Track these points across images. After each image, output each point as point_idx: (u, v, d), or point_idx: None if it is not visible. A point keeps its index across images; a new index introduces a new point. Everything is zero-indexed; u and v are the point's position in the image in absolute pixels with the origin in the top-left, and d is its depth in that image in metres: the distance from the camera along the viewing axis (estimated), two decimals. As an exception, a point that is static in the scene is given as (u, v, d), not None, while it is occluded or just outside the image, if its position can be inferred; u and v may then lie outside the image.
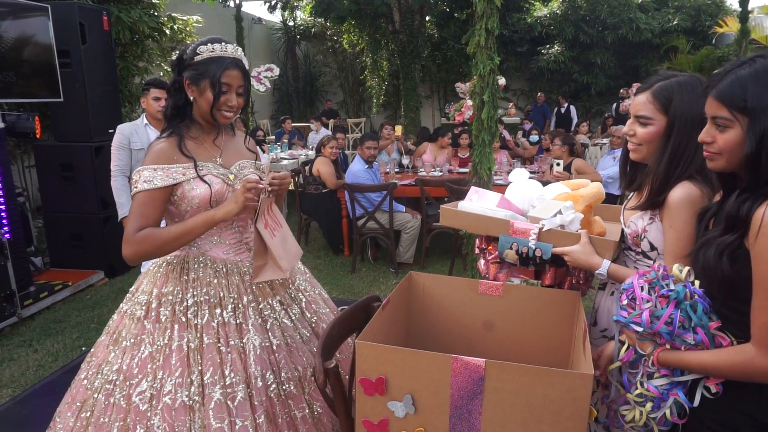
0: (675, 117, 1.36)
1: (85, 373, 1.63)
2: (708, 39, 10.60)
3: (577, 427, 1.09)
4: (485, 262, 1.72)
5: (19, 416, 2.73)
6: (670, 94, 1.37)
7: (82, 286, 4.38)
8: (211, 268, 1.61)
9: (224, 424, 1.44)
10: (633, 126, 1.45)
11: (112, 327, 1.65)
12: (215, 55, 1.55)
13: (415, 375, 1.16)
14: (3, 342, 3.51)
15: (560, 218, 1.55)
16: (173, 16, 6.17)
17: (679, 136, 1.36)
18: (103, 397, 1.53)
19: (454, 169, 5.86)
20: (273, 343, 1.61)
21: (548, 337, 1.56)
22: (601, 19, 11.05)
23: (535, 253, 1.54)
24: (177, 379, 1.47)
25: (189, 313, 1.54)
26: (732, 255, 1.07)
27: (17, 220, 3.95)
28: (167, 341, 1.52)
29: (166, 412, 1.45)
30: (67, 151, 4.55)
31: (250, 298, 1.62)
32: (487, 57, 3.73)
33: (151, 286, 1.61)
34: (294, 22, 13.69)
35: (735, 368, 1.07)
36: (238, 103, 1.61)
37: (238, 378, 1.49)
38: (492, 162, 3.88)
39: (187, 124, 1.64)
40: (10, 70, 3.84)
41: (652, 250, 1.46)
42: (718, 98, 1.09)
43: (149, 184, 1.51)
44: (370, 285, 4.54)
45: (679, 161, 1.36)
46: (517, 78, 12.41)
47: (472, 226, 1.70)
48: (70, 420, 1.58)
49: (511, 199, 1.74)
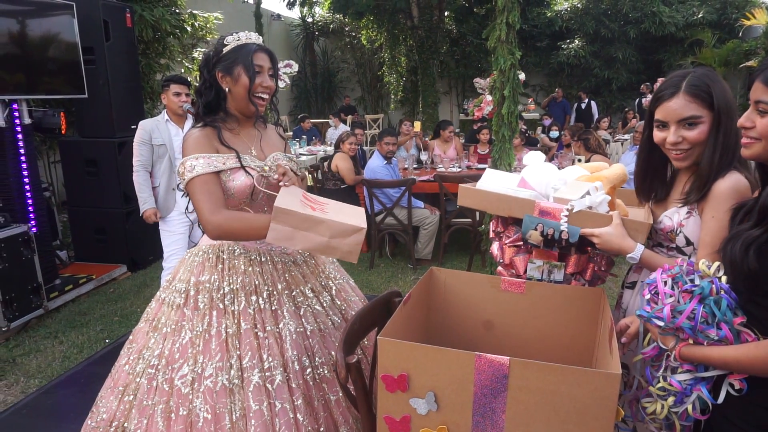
0: (719, 108, 1.31)
1: (126, 359, 1.67)
2: (734, 32, 10.32)
3: (604, 427, 1.07)
4: (500, 245, 1.65)
5: (46, 406, 2.80)
6: (708, 88, 1.32)
7: (105, 279, 4.47)
8: (245, 257, 1.65)
9: (263, 407, 1.49)
10: (679, 132, 1.35)
11: (150, 314, 1.70)
12: (242, 42, 1.64)
13: (438, 372, 1.15)
14: (30, 333, 3.59)
15: (589, 199, 1.48)
16: (194, 14, 6.23)
17: (726, 126, 1.31)
18: (145, 381, 1.58)
19: (473, 164, 5.82)
20: (307, 329, 1.65)
21: (572, 334, 1.54)
22: (623, 13, 10.85)
23: (561, 235, 1.47)
24: (217, 363, 1.51)
25: (226, 300, 1.58)
26: (759, 249, 1.05)
27: (43, 214, 4.04)
28: (206, 327, 1.56)
29: (207, 394, 1.49)
30: (91, 147, 4.63)
31: (283, 285, 1.66)
32: (508, 52, 3.69)
33: (188, 275, 1.65)
34: (312, 18, 13.71)
35: (757, 363, 1.04)
36: (272, 86, 1.67)
37: (276, 362, 1.54)
38: (512, 158, 3.84)
39: (223, 117, 1.68)
40: (36, 67, 3.92)
41: (688, 245, 1.41)
42: (764, 82, 1.07)
43: (192, 172, 1.56)
44: (389, 281, 4.53)
45: (728, 151, 1.32)
46: (537, 73, 12.27)
47: (492, 206, 1.60)
48: (113, 403, 1.62)
49: (530, 181, 1.65)
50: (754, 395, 1.08)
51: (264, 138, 1.76)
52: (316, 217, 1.43)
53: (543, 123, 8.74)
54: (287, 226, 1.41)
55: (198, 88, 1.71)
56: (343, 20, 13.29)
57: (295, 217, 1.41)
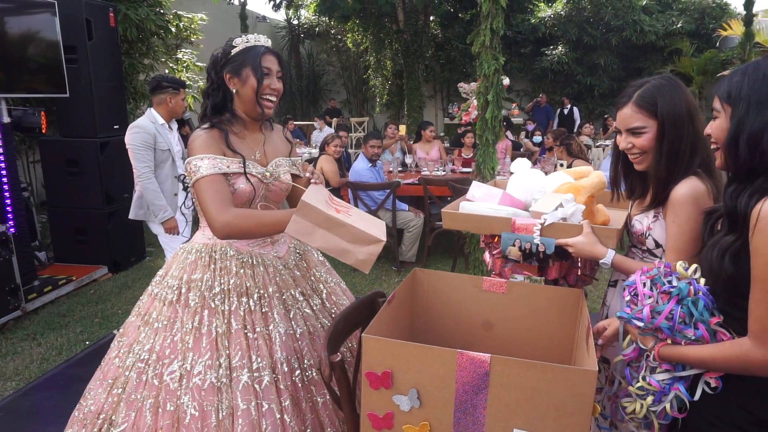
0: (663, 118, 1.40)
1: (116, 352, 1.67)
2: (712, 42, 10.58)
3: (581, 422, 1.10)
4: (491, 255, 1.73)
5: (23, 409, 2.75)
6: (653, 99, 1.41)
7: (85, 281, 4.40)
8: (237, 258, 1.65)
9: (251, 406, 1.49)
10: (628, 139, 1.46)
11: (142, 308, 1.69)
12: (250, 44, 1.63)
13: (421, 369, 1.17)
14: (7, 335, 3.53)
15: (561, 211, 1.56)
16: (179, 14, 6.19)
17: (671, 134, 1.40)
18: (135, 375, 1.58)
19: (457, 168, 5.87)
20: (296, 331, 1.66)
21: (552, 334, 1.58)
22: (605, 20, 11.05)
23: (538, 248, 1.55)
24: (207, 361, 1.52)
25: (217, 300, 1.59)
26: (734, 255, 1.09)
27: (22, 214, 3.97)
28: (197, 325, 1.56)
29: (195, 391, 1.50)
30: (72, 147, 4.57)
31: (274, 288, 1.66)
32: (492, 57, 3.74)
33: (180, 272, 1.64)
34: (298, 20, 13.70)
35: (731, 361, 1.08)
36: (280, 89, 1.67)
37: (264, 363, 1.54)
38: (496, 162, 3.89)
39: (229, 119, 1.67)
40: (16, 66, 3.86)
41: (657, 247, 1.48)
42: (715, 92, 1.15)
43: (198, 173, 1.55)
44: (373, 283, 4.55)
45: (677, 159, 1.40)
46: (521, 79, 12.40)
47: (474, 227, 1.73)
48: (101, 396, 1.62)
49: (514, 191, 1.75)
50: (728, 394, 1.12)
51: (268, 142, 1.75)
52: (339, 219, 1.43)
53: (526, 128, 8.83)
54: (309, 221, 1.42)
55: (205, 90, 1.69)
56: (328, 23, 13.30)
57: (319, 215, 1.42)
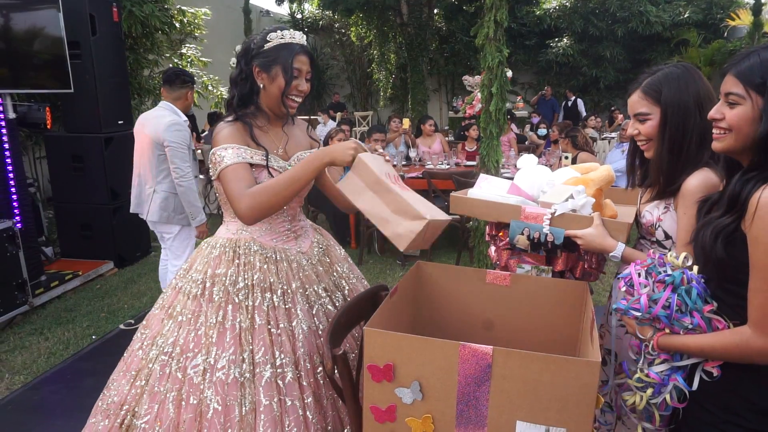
0: (667, 105, 1.40)
1: (140, 344, 1.67)
2: (719, 32, 10.46)
3: (584, 414, 1.09)
4: (496, 248, 1.71)
5: (31, 402, 2.78)
6: (658, 86, 1.41)
7: (92, 275, 4.43)
8: (261, 254, 1.63)
9: (273, 402, 1.49)
10: (635, 126, 1.47)
11: (166, 302, 1.67)
12: (285, 41, 1.59)
13: (423, 362, 1.17)
14: (15, 330, 3.56)
15: (572, 203, 1.54)
16: (182, 9, 6.19)
17: (674, 122, 1.39)
18: (158, 368, 1.57)
19: (462, 162, 5.85)
20: (319, 328, 1.65)
21: (556, 326, 1.57)
22: (610, 12, 10.95)
23: (546, 238, 1.54)
24: (230, 356, 1.51)
25: (240, 295, 1.58)
26: (727, 237, 1.08)
27: (28, 210, 4.00)
28: (221, 320, 1.55)
29: (219, 385, 1.49)
30: (77, 142, 4.59)
31: (297, 284, 1.65)
32: (496, 49, 3.72)
33: (204, 266, 1.63)
34: (302, 14, 13.67)
35: (731, 349, 1.08)
36: (306, 90, 1.65)
37: (288, 359, 1.54)
38: (500, 154, 3.88)
39: (254, 112, 1.65)
40: (21, 62, 3.88)
41: (667, 239, 1.46)
42: (735, 75, 1.10)
43: (222, 163, 1.54)
44: (377, 277, 4.55)
45: (681, 147, 1.39)
46: (526, 71, 12.34)
47: (483, 213, 1.69)
48: (124, 387, 1.62)
49: (521, 186, 1.73)
50: (729, 383, 1.12)
51: (291, 139, 1.74)
52: (389, 185, 1.41)
53: (531, 121, 8.79)
54: (362, 181, 1.41)
55: (233, 78, 1.66)
56: (332, 17, 13.26)
57: (371, 176, 1.41)
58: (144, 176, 3.23)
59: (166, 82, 3.26)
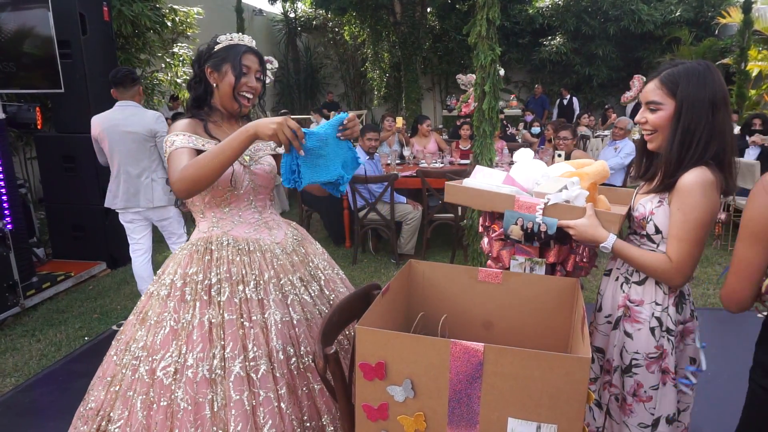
0: (682, 100, 1.39)
1: (115, 350, 1.70)
2: (711, 30, 10.52)
3: (575, 410, 1.09)
4: (489, 240, 1.71)
5: (23, 404, 2.76)
6: (677, 79, 1.41)
7: (84, 276, 4.41)
8: (234, 247, 1.66)
9: (244, 396, 1.50)
10: (644, 114, 1.47)
11: (139, 308, 1.71)
12: (233, 42, 1.71)
13: (415, 360, 1.17)
14: (6, 332, 3.53)
15: (566, 193, 1.54)
16: (174, 8, 6.15)
17: (688, 118, 1.39)
18: (129, 372, 1.60)
19: (455, 160, 5.86)
20: (293, 318, 1.66)
21: (547, 324, 1.57)
22: (603, 10, 10.98)
23: (540, 228, 1.54)
24: (198, 354, 1.52)
25: (212, 291, 1.59)
26: None
27: (19, 211, 3.97)
28: (190, 318, 1.57)
29: (188, 385, 1.50)
30: (68, 143, 4.55)
31: (271, 274, 1.67)
32: (489, 47, 3.72)
33: (175, 267, 1.66)
34: (295, 13, 13.62)
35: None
36: (257, 87, 1.73)
37: (261, 352, 1.55)
38: (493, 153, 3.88)
39: (207, 111, 1.74)
40: (10, 61, 3.84)
41: (657, 233, 1.47)
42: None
43: (172, 146, 1.60)
44: (371, 276, 4.55)
45: (690, 144, 1.39)
46: (519, 70, 12.36)
47: (477, 203, 1.69)
48: (101, 393, 1.65)
49: (516, 178, 1.73)
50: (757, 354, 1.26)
51: None
52: None
53: (525, 119, 8.80)
54: None
55: (189, 82, 1.78)
56: (325, 16, 13.22)
57: None
58: (132, 170, 3.41)
59: (119, 84, 3.41)
